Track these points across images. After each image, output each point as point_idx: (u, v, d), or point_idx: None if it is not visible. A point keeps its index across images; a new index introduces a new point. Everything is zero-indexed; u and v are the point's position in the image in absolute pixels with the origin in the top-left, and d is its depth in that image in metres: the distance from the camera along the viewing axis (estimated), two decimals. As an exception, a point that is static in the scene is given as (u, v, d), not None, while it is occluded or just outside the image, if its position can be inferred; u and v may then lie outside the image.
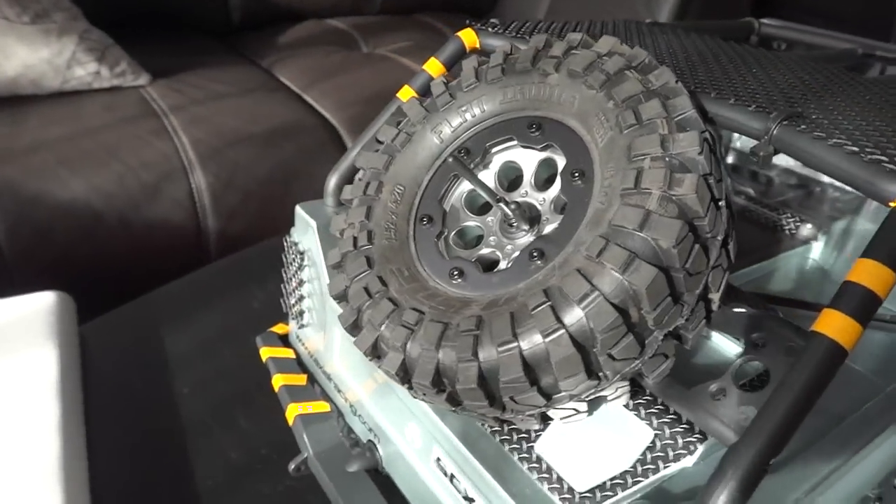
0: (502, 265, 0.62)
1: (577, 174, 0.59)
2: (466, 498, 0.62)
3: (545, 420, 0.60)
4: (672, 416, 0.57)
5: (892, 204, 0.51)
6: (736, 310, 0.60)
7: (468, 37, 0.81)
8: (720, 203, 0.55)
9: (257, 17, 2.56)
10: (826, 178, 0.99)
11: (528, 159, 0.66)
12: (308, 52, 2.34)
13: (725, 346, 0.63)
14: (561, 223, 0.58)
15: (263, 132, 1.92)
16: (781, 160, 1.04)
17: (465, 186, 0.67)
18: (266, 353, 0.89)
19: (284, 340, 0.94)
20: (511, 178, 0.68)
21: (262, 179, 1.88)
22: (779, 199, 0.95)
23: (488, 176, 0.68)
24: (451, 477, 0.64)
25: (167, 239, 1.77)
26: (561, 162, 0.62)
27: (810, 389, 0.46)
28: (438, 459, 0.65)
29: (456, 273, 0.60)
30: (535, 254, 0.57)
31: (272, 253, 1.53)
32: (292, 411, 0.80)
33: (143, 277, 1.83)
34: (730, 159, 1.07)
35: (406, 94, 0.81)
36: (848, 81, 0.71)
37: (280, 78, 2.21)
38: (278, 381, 0.84)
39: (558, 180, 0.62)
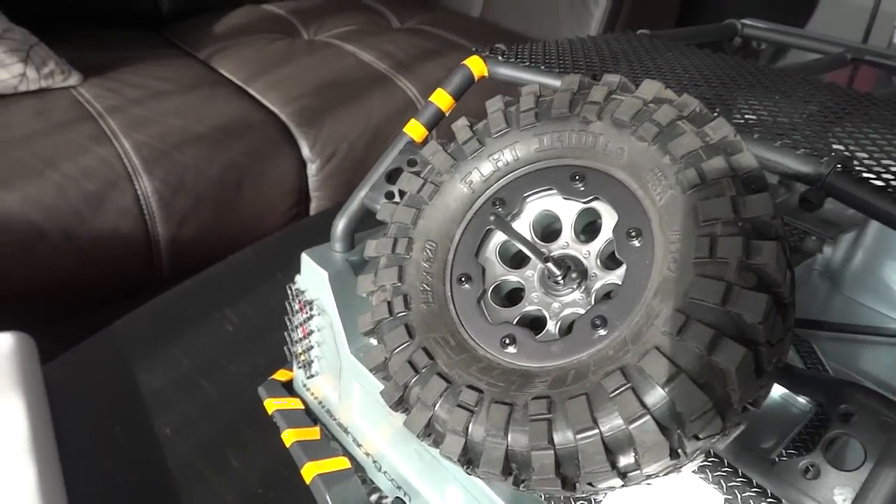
0: (550, 326, 0.59)
1: (633, 233, 0.56)
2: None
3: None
4: (742, 479, 0.56)
5: None
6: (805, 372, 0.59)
7: (476, 65, 0.76)
8: (789, 267, 0.53)
9: (189, 3, 2.42)
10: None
11: (566, 208, 0.63)
12: (247, 42, 2.23)
13: (788, 401, 0.62)
14: (623, 288, 0.55)
15: (210, 131, 1.83)
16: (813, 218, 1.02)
17: (499, 238, 0.63)
18: (271, 405, 0.84)
19: (288, 388, 0.88)
20: (545, 224, 0.65)
21: (212, 182, 1.79)
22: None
23: (522, 226, 0.64)
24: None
25: (116, 250, 1.68)
26: (605, 213, 0.59)
27: (910, 469, 0.45)
28: (488, 528, 0.63)
29: (507, 341, 0.57)
30: (597, 322, 0.54)
31: (237, 270, 1.46)
32: (310, 470, 0.75)
33: (92, 293, 1.73)
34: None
35: (415, 129, 0.76)
36: (879, 105, 0.70)
37: (220, 71, 2.10)
38: (290, 436, 0.80)
39: (603, 233, 0.59)
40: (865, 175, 0.56)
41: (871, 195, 0.55)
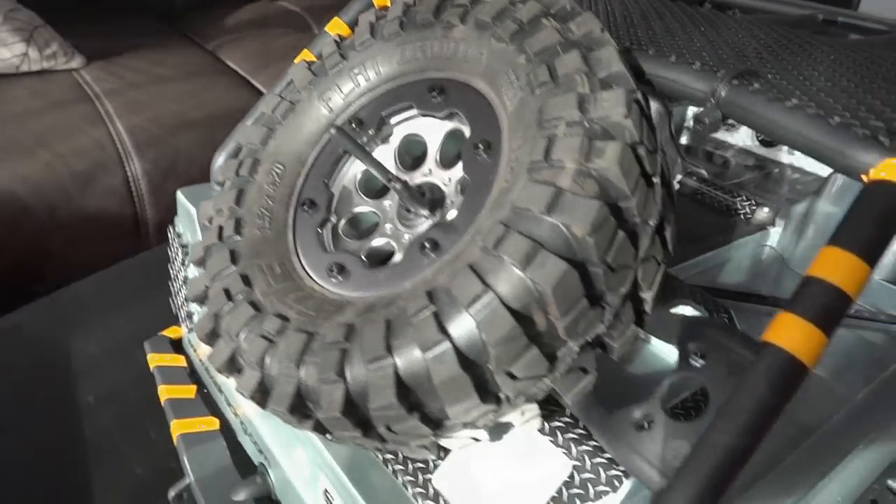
0: (397, 258, 0.51)
1: (481, 146, 0.48)
2: (355, 540, 0.51)
3: (444, 447, 0.49)
4: (596, 444, 0.46)
5: (865, 178, 0.40)
6: (674, 311, 0.49)
7: (377, -8, 0.69)
8: (654, 180, 0.44)
9: (202, -3, 2.43)
10: (786, 159, 0.89)
11: (433, 132, 0.55)
12: (257, 35, 2.21)
13: (668, 353, 0.52)
14: (461, 207, 0.47)
15: (207, 118, 1.80)
16: (738, 139, 0.94)
17: (360, 166, 0.56)
18: (153, 360, 0.77)
19: (177, 346, 0.82)
20: (416, 154, 0.57)
21: (205, 168, 1.75)
22: (734, 181, 0.85)
23: (387, 152, 0.56)
24: (341, 513, 0.53)
25: (103, 230, 1.65)
26: (467, 130, 0.51)
27: (758, 419, 0.35)
28: (326, 491, 0.54)
29: (335, 269, 0.49)
30: (427, 245, 0.46)
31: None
32: (176, 429, 0.68)
33: (77, 273, 1.71)
34: (683, 140, 0.97)
35: (306, 58, 0.69)
36: (809, 42, 0.61)
37: (226, 62, 2.08)
38: (163, 393, 0.73)
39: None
40: (766, 92, 0.47)
41: (767, 110, 0.46)
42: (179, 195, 0.72)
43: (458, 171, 0.52)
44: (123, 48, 1.99)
